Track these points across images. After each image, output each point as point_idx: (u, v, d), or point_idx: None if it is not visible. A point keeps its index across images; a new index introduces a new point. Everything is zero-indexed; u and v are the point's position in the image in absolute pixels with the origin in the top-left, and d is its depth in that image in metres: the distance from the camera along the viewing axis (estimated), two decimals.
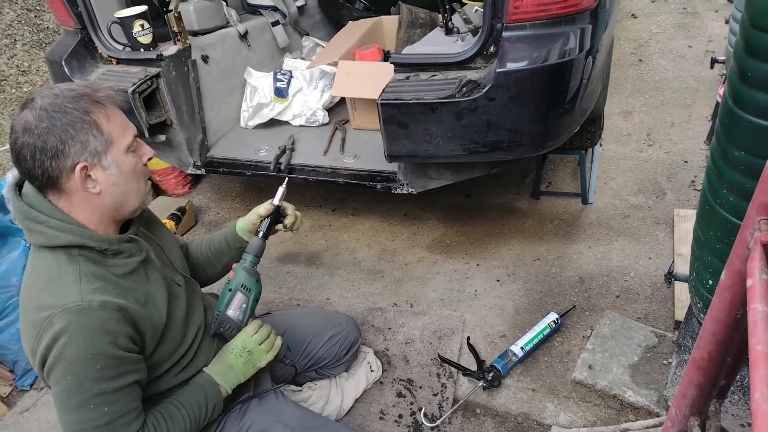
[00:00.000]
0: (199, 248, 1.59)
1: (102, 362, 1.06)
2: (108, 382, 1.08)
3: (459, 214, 2.68)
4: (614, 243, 2.38)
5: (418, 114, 1.76)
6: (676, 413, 1.13)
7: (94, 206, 1.14)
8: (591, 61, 1.77)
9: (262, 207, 1.51)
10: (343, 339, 1.75)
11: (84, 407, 1.07)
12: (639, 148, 2.98)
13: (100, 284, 1.10)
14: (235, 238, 1.54)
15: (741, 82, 1.11)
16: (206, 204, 3.08)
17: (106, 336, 1.06)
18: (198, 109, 2.51)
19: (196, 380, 1.32)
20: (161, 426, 1.19)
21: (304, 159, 2.43)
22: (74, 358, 1.04)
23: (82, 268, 1.10)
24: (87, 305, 1.05)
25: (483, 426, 1.75)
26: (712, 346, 0.99)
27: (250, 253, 1.43)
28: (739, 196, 1.17)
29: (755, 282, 0.76)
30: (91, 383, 1.06)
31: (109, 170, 1.12)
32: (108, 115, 1.11)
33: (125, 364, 1.11)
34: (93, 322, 1.05)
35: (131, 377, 1.13)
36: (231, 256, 1.56)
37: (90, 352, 1.05)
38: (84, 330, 1.04)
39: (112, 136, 1.11)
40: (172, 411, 1.23)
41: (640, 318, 2.01)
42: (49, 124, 1.05)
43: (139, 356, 1.15)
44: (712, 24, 4.21)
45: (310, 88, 2.68)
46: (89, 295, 1.06)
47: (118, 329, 1.08)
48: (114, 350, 1.08)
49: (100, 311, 1.06)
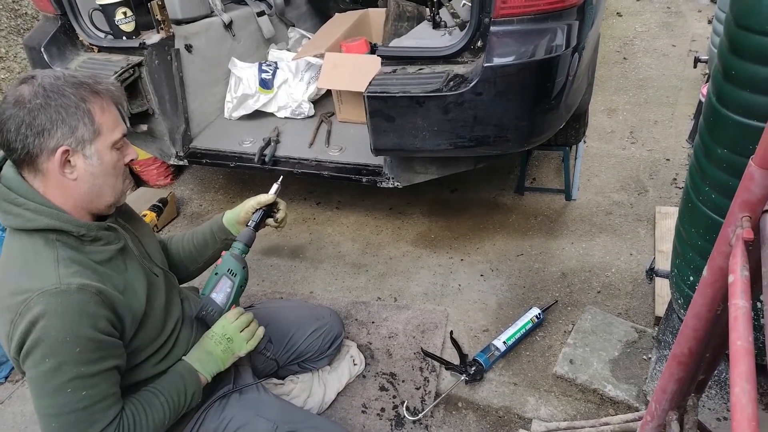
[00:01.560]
0: (180, 243, 1.57)
1: (82, 345, 1.05)
2: (87, 365, 1.06)
3: (444, 209, 2.69)
4: (596, 239, 2.40)
5: (404, 107, 1.76)
6: (656, 407, 1.15)
7: (67, 192, 1.12)
8: (577, 58, 1.77)
9: (263, 196, 1.52)
10: (326, 332, 1.74)
11: (61, 391, 1.05)
12: (622, 145, 3.01)
13: (78, 268, 1.09)
14: (221, 230, 1.53)
15: (725, 81, 1.12)
16: (188, 196, 3.04)
17: (86, 319, 1.05)
18: (181, 99, 2.48)
19: (175, 368, 1.31)
20: (140, 413, 1.17)
21: (289, 151, 2.41)
22: (53, 340, 1.02)
23: (59, 253, 1.09)
24: (66, 288, 1.04)
25: (465, 419, 1.76)
26: (693, 342, 1.00)
27: (241, 242, 1.44)
28: (721, 194, 1.18)
29: (737, 278, 0.77)
30: (69, 366, 1.05)
31: (89, 160, 1.11)
32: (103, 107, 1.12)
33: (105, 348, 1.09)
34: (72, 304, 1.04)
35: (110, 362, 1.11)
36: (215, 249, 1.55)
37: (70, 334, 1.03)
38: (63, 312, 1.03)
39: (102, 129, 1.11)
40: (151, 398, 1.22)
41: (621, 313, 2.03)
42: (44, 102, 1.05)
43: (118, 341, 1.13)
44: (695, 24, 4.26)
45: (295, 80, 2.65)
46: (67, 279, 1.05)
47: (97, 312, 1.07)
48: (94, 333, 1.06)
49: (79, 294, 1.05)
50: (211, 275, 1.42)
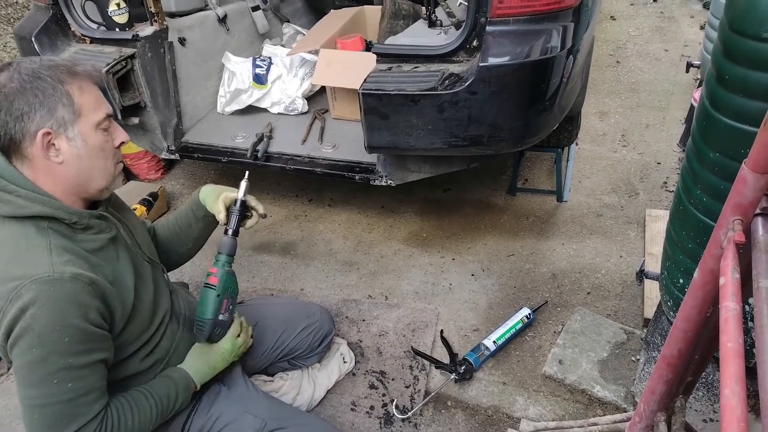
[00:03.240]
0: (166, 226, 1.55)
1: (71, 335, 1.03)
2: (75, 356, 1.05)
3: (436, 208, 2.69)
4: (587, 241, 2.41)
5: (399, 105, 1.75)
6: (644, 408, 1.16)
7: (57, 177, 1.11)
8: (572, 60, 1.78)
9: (229, 192, 1.43)
10: (316, 330, 1.74)
11: (47, 381, 1.04)
12: (614, 148, 3.03)
13: (71, 257, 1.07)
14: (199, 207, 1.49)
15: (718, 85, 1.13)
16: (179, 190, 3.01)
17: (77, 309, 1.04)
18: (173, 92, 2.45)
19: (171, 374, 1.31)
20: (125, 412, 1.16)
21: (282, 147, 2.40)
22: (43, 329, 1.01)
23: (52, 241, 1.07)
24: (59, 276, 1.03)
25: (454, 418, 1.76)
26: (683, 344, 1.01)
27: (224, 253, 1.37)
28: (713, 197, 1.19)
29: (728, 280, 0.78)
30: (57, 357, 1.03)
31: (73, 142, 1.10)
32: (82, 87, 1.10)
33: (94, 340, 1.08)
34: (65, 293, 1.02)
35: (98, 355, 1.10)
36: (198, 227, 1.52)
37: (60, 323, 1.02)
38: (55, 301, 1.02)
39: (82, 109, 1.09)
40: (140, 400, 1.21)
41: (610, 315, 2.04)
42: (19, 86, 1.04)
43: (107, 334, 1.12)
44: (687, 29, 4.30)
45: (289, 76, 2.64)
46: (61, 267, 1.04)
47: (89, 303, 1.06)
48: (84, 324, 1.05)
49: (72, 283, 1.03)
50: (209, 295, 1.35)
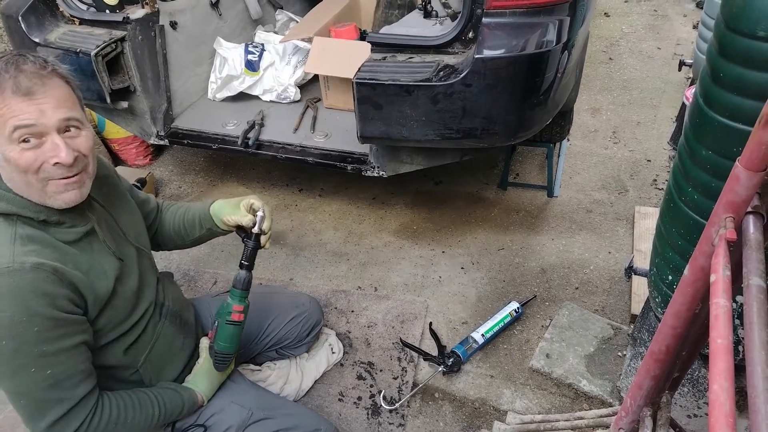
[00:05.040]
0: (174, 216, 1.52)
1: (40, 324, 1.02)
2: (49, 344, 1.03)
3: (427, 201, 2.68)
4: (576, 236, 2.42)
5: (393, 95, 1.74)
6: (631, 403, 1.17)
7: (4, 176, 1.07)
8: (567, 55, 1.78)
9: (245, 219, 1.37)
10: (305, 320, 1.73)
11: (24, 371, 1.03)
12: (605, 145, 3.04)
13: (36, 247, 1.05)
14: (207, 219, 1.46)
15: (712, 83, 1.13)
16: (168, 177, 2.98)
17: (42, 298, 1.01)
18: (164, 77, 2.42)
19: (186, 390, 1.34)
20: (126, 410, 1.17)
21: (273, 135, 2.37)
22: (8, 320, 0.99)
23: (18, 230, 1.05)
24: (19, 267, 1.00)
25: (441, 410, 1.77)
26: (671, 340, 1.02)
27: (242, 289, 1.37)
28: (704, 195, 1.19)
29: (718, 277, 0.78)
30: (30, 346, 1.02)
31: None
32: None
33: (66, 325, 1.06)
34: (25, 283, 1.00)
35: (75, 339, 1.08)
36: (201, 234, 1.50)
37: (26, 314, 1.00)
38: (16, 292, 0.99)
39: None
40: (146, 404, 1.22)
41: (598, 310, 2.06)
42: None
43: (82, 318, 1.10)
44: (680, 28, 4.31)
45: (282, 63, 2.61)
46: (21, 257, 1.01)
47: (55, 291, 1.03)
48: (53, 312, 1.03)
49: (33, 273, 1.01)
50: (235, 332, 1.38)
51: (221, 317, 1.37)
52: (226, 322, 1.36)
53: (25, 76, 1.00)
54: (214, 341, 1.38)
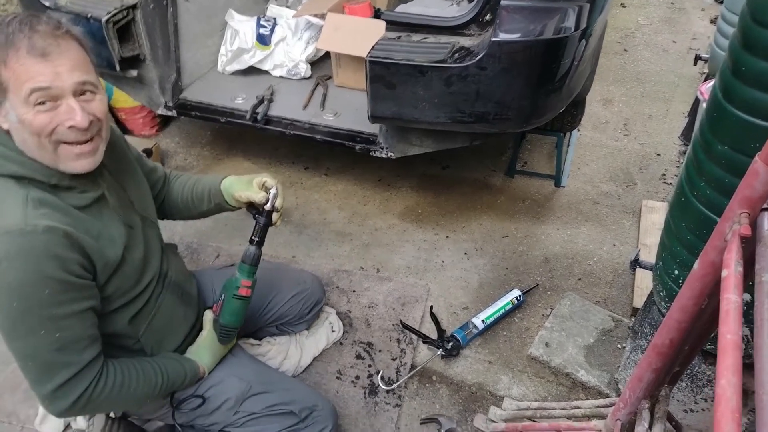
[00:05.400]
0: (183, 187, 1.51)
1: (51, 286, 1.02)
2: (58, 307, 1.04)
3: (433, 185, 2.67)
4: (581, 227, 2.41)
5: (406, 75, 1.72)
6: (630, 395, 1.17)
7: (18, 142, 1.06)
8: (584, 42, 1.75)
9: (258, 196, 1.36)
10: (307, 297, 1.73)
11: (33, 333, 1.03)
12: (615, 136, 3.01)
13: (47, 210, 1.04)
14: (217, 194, 1.46)
15: (733, 77, 1.11)
16: (174, 149, 2.97)
17: (53, 261, 1.01)
18: (174, 47, 2.39)
19: (188, 360, 1.35)
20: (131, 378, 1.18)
21: (282, 111, 2.35)
22: (19, 282, 0.99)
23: (30, 193, 1.04)
24: (32, 229, 1.00)
25: (438, 393, 1.78)
26: (675, 333, 1.01)
27: (251, 264, 1.37)
28: (716, 190, 1.18)
29: (730, 273, 0.77)
30: (39, 308, 1.02)
31: (8, 115, 1.02)
32: (7, 60, 0.97)
33: (76, 289, 1.06)
34: (38, 245, 1.00)
35: (84, 303, 1.08)
36: (209, 208, 1.50)
37: (37, 276, 1.00)
38: (28, 254, 0.99)
39: (9, 85, 0.99)
40: (149, 373, 1.23)
41: (599, 302, 2.05)
42: None
43: (91, 283, 1.10)
44: (697, 22, 4.24)
45: (294, 39, 2.58)
46: (34, 220, 1.01)
47: (66, 255, 1.03)
48: (63, 275, 1.03)
49: (45, 235, 1.01)
50: (242, 306, 1.39)
51: (228, 291, 1.37)
52: (233, 296, 1.36)
53: (40, 36, 0.98)
54: (220, 314, 1.38)
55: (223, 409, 1.37)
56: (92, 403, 1.11)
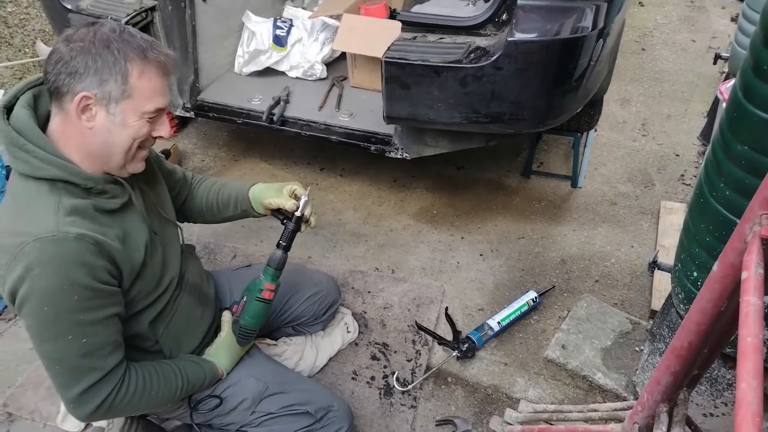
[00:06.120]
0: (207, 191, 1.54)
1: (79, 293, 1.04)
2: (86, 313, 1.06)
3: (448, 186, 2.66)
4: (599, 228, 2.39)
5: (422, 76, 1.72)
6: (648, 398, 1.15)
7: (83, 139, 1.09)
8: (602, 42, 1.73)
9: (288, 203, 1.41)
10: (322, 298, 1.74)
11: (62, 338, 1.05)
12: (633, 137, 2.98)
13: (77, 218, 1.07)
14: (244, 200, 1.49)
15: (755, 75, 1.09)
16: (191, 150, 3.00)
17: (83, 268, 1.04)
18: (192, 48, 2.42)
19: (207, 363, 1.36)
20: (152, 382, 1.19)
21: (298, 112, 2.37)
22: (50, 288, 1.02)
23: (62, 200, 1.07)
24: (63, 236, 1.02)
25: (453, 394, 1.77)
26: (694, 336, 1.00)
27: (276, 269, 1.40)
28: (736, 191, 1.16)
29: (750, 275, 0.76)
30: (68, 314, 1.04)
31: (112, 117, 1.08)
32: (144, 72, 1.08)
33: (103, 296, 1.09)
34: (69, 253, 1.03)
35: (110, 310, 1.11)
36: (234, 214, 1.52)
37: (67, 283, 1.02)
38: (60, 261, 1.02)
39: (134, 93, 1.07)
40: (170, 377, 1.24)
41: (617, 304, 2.03)
42: (86, 46, 1.04)
43: (117, 289, 1.13)
44: (717, 20, 4.18)
45: (310, 40, 2.59)
46: (65, 227, 1.04)
47: (95, 262, 1.06)
48: (92, 282, 1.05)
49: (76, 243, 1.03)
50: (264, 309, 1.40)
51: (252, 293, 1.39)
52: (256, 299, 1.38)
53: (167, 57, 1.12)
54: (241, 316, 1.39)
55: (240, 409, 1.38)
56: (115, 407, 1.13)
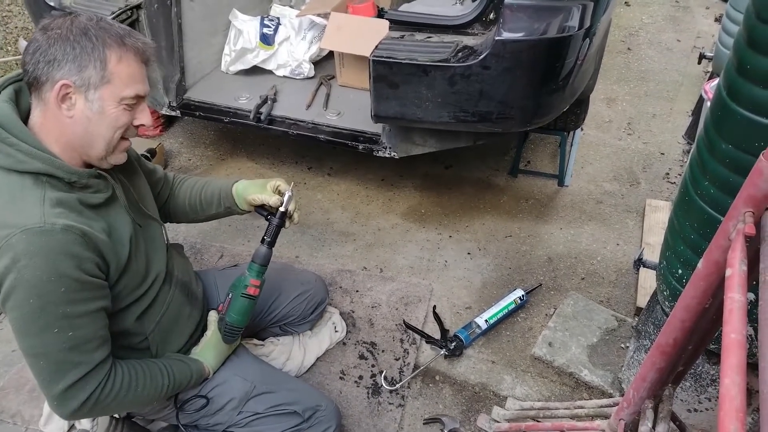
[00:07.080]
0: (190, 190, 1.52)
1: (66, 285, 1.03)
2: (73, 306, 1.05)
3: (436, 185, 2.67)
4: (585, 227, 2.41)
5: (409, 75, 1.72)
6: (634, 395, 1.16)
7: (63, 129, 1.09)
8: (588, 41, 1.74)
9: (271, 198, 1.39)
10: (310, 298, 1.73)
11: (48, 331, 1.04)
12: (618, 136, 3.00)
13: (64, 210, 1.06)
14: (228, 197, 1.47)
15: (738, 75, 1.10)
16: (177, 149, 2.97)
17: (70, 259, 1.03)
18: (178, 47, 2.40)
19: (194, 361, 1.35)
20: (138, 379, 1.18)
21: (286, 111, 2.35)
22: (36, 280, 1.00)
23: (47, 193, 1.06)
24: (50, 228, 1.01)
25: (441, 392, 1.78)
26: (679, 333, 1.01)
27: (261, 264, 1.37)
28: (720, 189, 1.18)
29: (734, 272, 0.77)
30: (55, 306, 1.03)
31: (90, 104, 1.08)
32: (122, 58, 1.08)
33: (91, 289, 1.08)
34: (56, 244, 1.01)
35: (97, 303, 1.09)
36: (218, 212, 1.50)
37: (54, 274, 1.01)
38: (47, 252, 1.01)
39: (113, 78, 1.07)
40: (156, 374, 1.23)
41: (603, 301, 2.05)
42: (64, 34, 1.05)
43: (104, 283, 1.12)
44: (701, 20, 4.23)
45: (297, 38, 2.58)
46: (52, 218, 1.02)
47: (82, 254, 1.05)
48: (79, 274, 1.04)
49: (63, 234, 1.02)
50: (249, 306, 1.38)
51: (237, 290, 1.38)
52: (241, 295, 1.36)
53: (145, 45, 1.12)
54: (226, 313, 1.38)
55: (227, 409, 1.37)
56: (100, 404, 1.12)
